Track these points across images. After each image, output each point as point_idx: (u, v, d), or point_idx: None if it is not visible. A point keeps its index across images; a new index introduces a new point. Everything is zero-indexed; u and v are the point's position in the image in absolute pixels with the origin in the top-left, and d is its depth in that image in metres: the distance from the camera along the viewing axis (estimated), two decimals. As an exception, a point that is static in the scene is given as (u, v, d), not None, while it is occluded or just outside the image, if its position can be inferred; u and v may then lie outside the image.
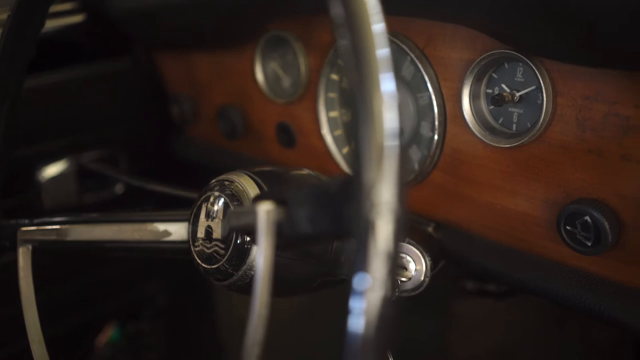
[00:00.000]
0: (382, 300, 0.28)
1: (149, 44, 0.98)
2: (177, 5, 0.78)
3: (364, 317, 0.28)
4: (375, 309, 0.28)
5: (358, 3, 0.31)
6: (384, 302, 0.28)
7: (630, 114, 0.48)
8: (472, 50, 0.57)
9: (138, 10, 0.86)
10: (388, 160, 0.29)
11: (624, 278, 0.51)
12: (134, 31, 0.94)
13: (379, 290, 0.28)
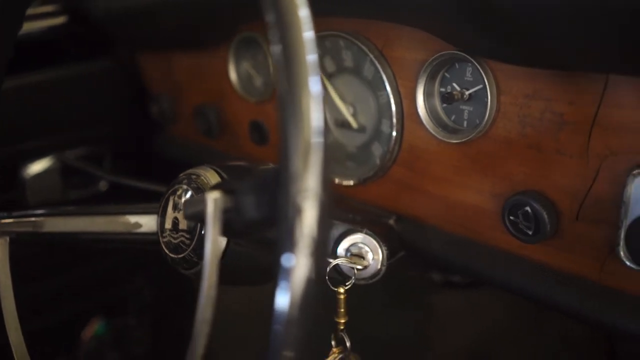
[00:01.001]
0: (306, 280, 0.31)
1: (130, 45, 1.01)
2: (153, 7, 0.81)
3: (289, 295, 0.31)
4: (299, 288, 0.31)
5: (289, 12, 0.34)
6: (307, 282, 0.31)
7: (564, 110, 0.51)
8: (426, 51, 0.60)
9: (117, 12, 0.89)
10: (314, 154, 0.32)
11: (562, 265, 0.55)
12: (115, 32, 0.97)
13: (303, 269, 0.31)
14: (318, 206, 0.32)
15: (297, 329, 0.32)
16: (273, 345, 0.31)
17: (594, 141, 0.50)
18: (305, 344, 0.32)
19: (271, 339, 0.32)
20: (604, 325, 0.52)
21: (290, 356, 0.32)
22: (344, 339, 0.60)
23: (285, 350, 0.32)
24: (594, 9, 0.40)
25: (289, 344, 0.32)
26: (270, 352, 0.32)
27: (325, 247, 0.32)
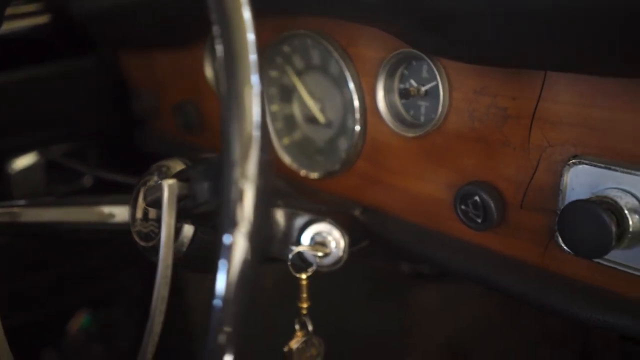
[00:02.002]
0: (243, 260, 0.34)
1: (112, 44, 1.04)
2: (131, 7, 0.84)
3: (227, 273, 0.34)
4: (236, 267, 0.34)
5: (232, 13, 0.37)
6: (244, 262, 0.34)
7: (507, 105, 0.54)
8: (385, 50, 0.63)
9: (99, 12, 0.92)
10: (253, 144, 0.36)
11: (509, 251, 0.58)
12: (97, 31, 1.00)
13: (240, 249, 0.34)
14: (256, 191, 0.35)
15: (235, 305, 0.35)
16: (212, 320, 0.35)
17: (534, 134, 0.53)
18: (243, 320, 0.35)
19: (211, 314, 0.35)
20: (546, 308, 0.55)
21: (228, 331, 0.35)
22: (307, 323, 0.63)
23: (224, 325, 0.35)
24: (525, 13, 0.43)
25: (227, 319, 0.35)
26: (210, 327, 0.35)
27: (261, 229, 0.35)
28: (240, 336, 0.36)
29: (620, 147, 0.48)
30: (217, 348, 0.35)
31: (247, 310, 0.36)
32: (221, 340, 0.35)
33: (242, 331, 0.36)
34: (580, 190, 0.51)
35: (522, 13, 0.41)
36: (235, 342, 0.35)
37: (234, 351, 0.35)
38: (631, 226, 0.47)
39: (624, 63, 0.44)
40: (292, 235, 0.64)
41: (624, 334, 0.50)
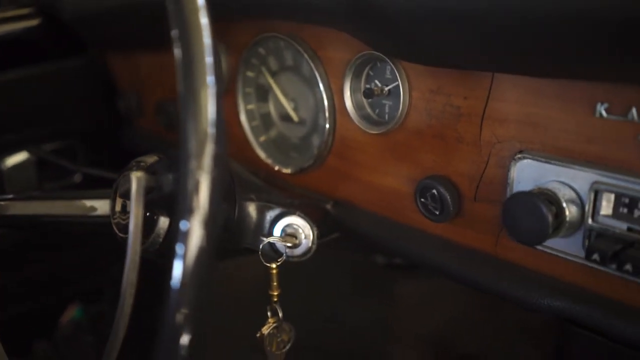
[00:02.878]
0: (199, 245, 0.38)
1: (99, 45, 1.08)
2: (114, 10, 0.88)
3: (184, 258, 0.38)
4: (192, 252, 0.38)
5: (190, 20, 0.41)
6: (200, 248, 0.38)
7: (460, 104, 0.58)
8: (351, 52, 0.67)
9: (86, 15, 0.96)
10: (209, 139, 0.39)
11: (465, 241, 0.62)
12: (85, 34, 1.04)
13: (196, 236, 0.38)
14: (210, 181, 0.39)
15: (192, 289, 0.38)
16: (170, 303, 0.38)
17: (485, 131, 0.57)
18: (199, 303, 0.39)
19: (169, 297, 0.38)
20: (497, 294, 0.59)
21: (185, 313, 0.39)
22: (277, 310, 0.67)
23: (181, 308, 0.38)
24: (468, 18, 0.47)
25: (184, 302, 0.38)
26: (169, 309, 0.38)
27: (215, 216, 0.39)
28: (197, 317, 0.39)
29: (559, 143, 0.52)
30: (174, 329, 0.38)
31: (204, 292, 0.39)
32: (179, 320, 0.38)
33: (199, 313, 0.39)
34: (525, 183, 0.54)
35: (464, 19, 0.45)
36: (192, 323, 0.39)
37: (191, 332, 0.39)
38: (568, 216, 0.50)
39: (558, 65, 0.48)
40: (264, 227, 0.68)
41: (565, 316, 0.54)
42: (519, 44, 0.46)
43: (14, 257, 1.20)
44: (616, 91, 0.47)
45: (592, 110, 0.49)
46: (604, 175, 0.49)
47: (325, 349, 1.42)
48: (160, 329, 0.39)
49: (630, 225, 0.48)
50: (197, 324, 0.39)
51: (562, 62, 0.46)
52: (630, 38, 0.38)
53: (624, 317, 0.50)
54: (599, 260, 0.48)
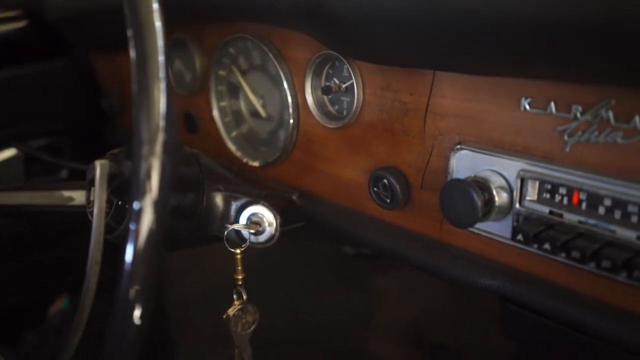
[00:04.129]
0: (149, 225, 0.43)
1: (83, 45, 1.12)
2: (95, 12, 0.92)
3: (135, 237, 0.42)
4: (144, 231, 0.42)
5: (145, 21, 0.46)
6: (149, 228, 0.43)
7: (407, 100, 0.63)
8: (311, 52, 0.72)
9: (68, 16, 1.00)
10: (161, 134, 0.44)
11: (414, 227, 0.67)
12: (69, 34, 1.08)
13: (147, 216, 0.43)
14: (161, 166, 0.43)
15: (143, 267, 0.43)
16: (122, 280, 0.43)
17: (428, 124, 0.62)
18: (150, 281, 0.44)
19: (122, 274, 0.43)
20: (442, 276, 0.64)
21: (137, 289, 0.43)
22: (242, 293, 0.72)
23: (133, 285, 0.43)
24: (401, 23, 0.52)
25: (135, 279, 0.43)
26: (121, 285, 0.43)
27: (165, 198, 0.43)
28: (148, 293, 0.44)
29: (491, 135, 0.57)
30: (127, 305, 0.43)
31: (155, 269, 0.44)
32: (131, 296, 0.43)
33: (150, 289, 0.44)
34: (463, 171, 0.59)
35: (401, 23, 0.50)
36: (144, 299, 0.44)
37: (142, 307, 0.44)
38: (498, 201, 0.55)
39: (486, 64, 0.53)
40: (230, 215, 0.72)
41: (501, 294, 0.59)
42: (451, 46, 0.51)
43: (2, 249, 1.25)
44: (537, 87, 0.52)
45: (517, 105, 0.54)
46: (529, 164, 0.54)
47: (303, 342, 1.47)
48: (113, 304, 0.44)
49: (551, 209, 0.53)
50: (148, 299, 0.44)
51: (489, 62, 0.51)
52: (546, 42, 0.43)
53: (549, 294, 0.55)
54: (522, 240, 0.53)
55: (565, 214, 0.52)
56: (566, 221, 0.52)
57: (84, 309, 0.52)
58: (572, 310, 0.54)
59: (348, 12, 0.55)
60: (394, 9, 0.51)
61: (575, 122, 0.50)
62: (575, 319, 0.54)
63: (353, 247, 1.16)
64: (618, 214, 0.49)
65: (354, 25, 0.55)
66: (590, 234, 0.51)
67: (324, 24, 0.59)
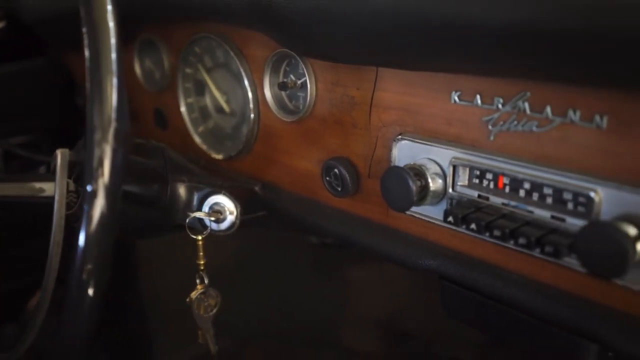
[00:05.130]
0: (101, 207, 0.47)
1: (59, 45, 1.16)
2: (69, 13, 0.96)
3: (88, 218, 0.47)
4: (96, 213, 0.47)
5: (98, 23, 0.50)
6: (102, 209, 0.47)
7: (354, 94, 0.68)
8: (269, 50, 0.76)
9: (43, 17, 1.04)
10: (112, 120, 0.48)
11: (364, 213, 0.71)
12: (44, 34, 1.12)
13: (100, 198, 0.47)
14: (112, 153, 0.48)
15: (96, 247, 0.47)
16: (77, 259, 0.47)
17: (373, 117, 0.66)
18: (102, 259, 0.48)
19: (76, 253, 0.47)
20: (389, 259, 0.68)
21: (90, 268, 0.48)
22: (204, 277, 0.76)
23: (86, 262, 0.47)
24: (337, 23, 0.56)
25: (88, 258, 0.47)
26: (75, 264, 0.47)
27: (117, 181, 0.48)
28: (101, 273, 0.48)
29: (427, 126, 0.61)
30: (80, 281, 0.47)
31: (106, 249, 0.48)
32: (85, 273, 0.47)
33: (102, 266, 0.48)
34: (403, 160, 0.64)
35: (338, 23, 0.55)
36: (96, 275, 0.48)
37: (94, 282, 0.48)
38: (432, 187, 0.60)
39: (421, 61, 0.58)
40: (192, 205, 0.77)
41: (440, 274, 0.64)
42: (384, 46, 0.55)
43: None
44: (465, 81, 0.57)
45: (449, 98, 0.59)
46: (460, 152, 0.59)
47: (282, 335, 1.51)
48: (68, 279, 0.48)
49: (479, 193, 0.58)
50: (100, 276, 0.48)
51: (421, 60, 0.56)
52: (469, 43, 0.48)
53: (481, 272, 0.60)
54: (452, 221, 0.58)
55: (491, 197, 0.57)
56: (492, 204, 0.57)
57: (47, 289, 0.56)
58: (500, 286, 0.58)
59: (294, 14, 0.59)
60: (332, 10, 0.55)
61: (498, 113, 0.55)
62: (504, 294, 0.58)
63: (316, 236, 1.20)
64: (535, 196, 0.54)
65: (300, 25, 0.60)
66: (512, 215, 0.55)
67: (275, 24, 0.64)
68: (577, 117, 0.49)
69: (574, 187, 0.50)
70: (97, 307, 0.49)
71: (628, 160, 0.47)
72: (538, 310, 0.56)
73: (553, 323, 0.55)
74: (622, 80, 0.45)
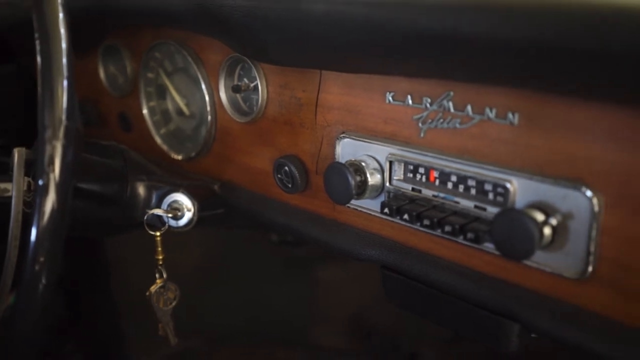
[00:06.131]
0: (52, 200, 0.50)
1: (27, 52, 1.19)
2: (25, 23, 0.99)
3: (40, 211, 0.50)
4: (47, 207, 0.50)
5: (50, 31, 0.54)
6: (53, 202, 0.50)
7: (301, 96, 0.72)
8: (223, 55, 0.80)
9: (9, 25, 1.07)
10: (64, 122, 0.52)
11: (313, 208, 0.76)
12: (13, 41, 1.15)
13: (50, 193, 0.50)
14: (62, 149, 0.51)
15: (47, 239, 0.51)
16: (29, 250, 0.50)
17: (319, 117, 0.71)
18: (54, 252, 0.51)
19: (29, 246, 0.50)
20: (335, 251, 0.72)
21: (42, 260, 0.51)
22: (163, 272, 0.80)
23: (39, 255, 0.51)
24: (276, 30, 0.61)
25: (40, 250, 0.51)
26: (28, 255, 0.51)
27: (67, 176, 0.51)
28: (52, 264, 0.51)
29: (366, 124, 0.66)
30: (33, 270, 0.51)
31: (57, 241, 0.52)
32: (37, 264, 0.51)
33: (54, 260, 0.51)
34: (346, 157, 0.68)
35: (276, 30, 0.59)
36: (48, 269, 0.51)
37: (46, 271, 0.51)
38: (371, 181, 0.64)
39: (358, 65, 0.62)
40: (152, 203, 0.80)
41: (381, 263, 0.68)
42: (320, 49, 0.60)
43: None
44: (398, 83, 0.61)
45: (384, 98, 0.63)
46: (395, 149, 0.63)
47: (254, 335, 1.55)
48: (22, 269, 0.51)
49: (413, 186, 0.62)
50: (51, 268, 0.52)
51: (357, 64, 0.61)
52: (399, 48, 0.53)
53: (417, 260, 0.64)
54: (388, 213, 0.62)
55: (423, 189, 0.62)
56: (424, 196, 0.62)
57: (5, 282, 0.59)
58: (433, 272, 0.63)
59: (238, 20, 0.64)
60: (270, 17, 0.60)
61: (426, 112, 0.60)
62: (436, 279, 0.63)
63: (271, 231, 1.24)
64: (461, 187, 0.58)
65: (244, 32, 0.64)
66: (441, 206, 0.60)
67: (222, 31, 0.68)
68: (493, 115, 0.54)
69: (492, 178, 0.55)
70: (48, 296, 0.52)
71: (538, 152, 0.52)
72: (466, 293, 0.60)
73: (480, 305, 0.60)
74: (528, 82, 0.50)
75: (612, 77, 0.42)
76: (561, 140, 0.51)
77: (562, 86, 0.48)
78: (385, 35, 0.52)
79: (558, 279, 0.53)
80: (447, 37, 0.49)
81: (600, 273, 0.50)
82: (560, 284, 0.53)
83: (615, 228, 0.48)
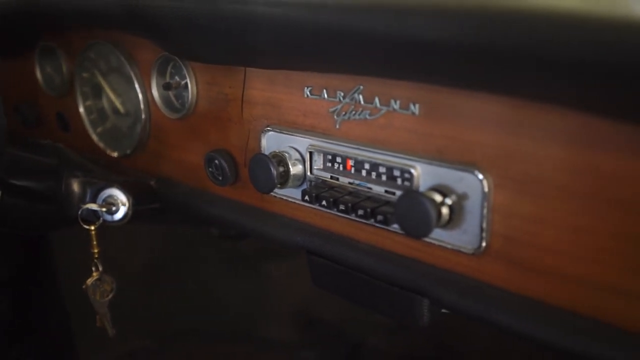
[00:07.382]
0: None
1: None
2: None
3: None
4: None
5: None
6: None
7: (228, 92, 0.75)
8: (155, 54, 0.83)
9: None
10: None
11: (245, 199, 0.79)
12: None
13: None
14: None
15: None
16: None
17: (245, 111, 0.74)
18: None
19: None
20: (265, 239, 0.76)
21: None
22: (98, 265, 0.82)
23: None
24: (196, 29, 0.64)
25: None
26: None
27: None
28: None
29: (288, 118, 0.70)
30: None
31: None
32: None
33: None
34: (271, 149, 0.72)
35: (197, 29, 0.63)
36: None
37: None
38: (292, 171, 0.68)
39: (275, 63, 0.66)
40: (86, 198, 0.82)
41: (307, 249, 0.72)
42: (237, 46, 0.63)
43: None
44: (315, 78, 0.66)
45: (303, 93, 0.67)
46: (314, 140, 0.67)
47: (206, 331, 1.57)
48: None
49: (332, 175, 0.67)
50: None
51: (275, 60, 0.64)
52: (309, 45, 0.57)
53: (338, 244, 0.69)
54: (308, 200, 0.66)
55: (340, 177, 0.66)
56: (341, 183, 0.66)
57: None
58: (352, 255, 0.67)
59: (157, 20, 0.67)
60: (189, 17, 0.63)
61: (340, 104, 0.64)
62: (356, 262, 0.67)
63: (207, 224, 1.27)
64: (374, 174, 0.63)
65: (166, 31, 0.67)
66: (356, 192, 0.64)
67: (147, 30, 0.71)
68: (398, 106, 0.59)
69: (399, 165, 0.60)
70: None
71: (437, 140, 0.57)
72: (383, 272, 0.65)
73: (395, 284, 0.64)
74: (425, 77, 0.55)
75: (495, 72, 0.47)
76: (457, 128, 0.56)
77: (456, 81, 0.53)
78: (294, 34, 0.56)
79: (459, 255, 0.58)
80: (347, 35, 0.53)
81: (494, 247, 0.55)
82: (461, 260, 0.58)
83: (503, 206, 0.54)
